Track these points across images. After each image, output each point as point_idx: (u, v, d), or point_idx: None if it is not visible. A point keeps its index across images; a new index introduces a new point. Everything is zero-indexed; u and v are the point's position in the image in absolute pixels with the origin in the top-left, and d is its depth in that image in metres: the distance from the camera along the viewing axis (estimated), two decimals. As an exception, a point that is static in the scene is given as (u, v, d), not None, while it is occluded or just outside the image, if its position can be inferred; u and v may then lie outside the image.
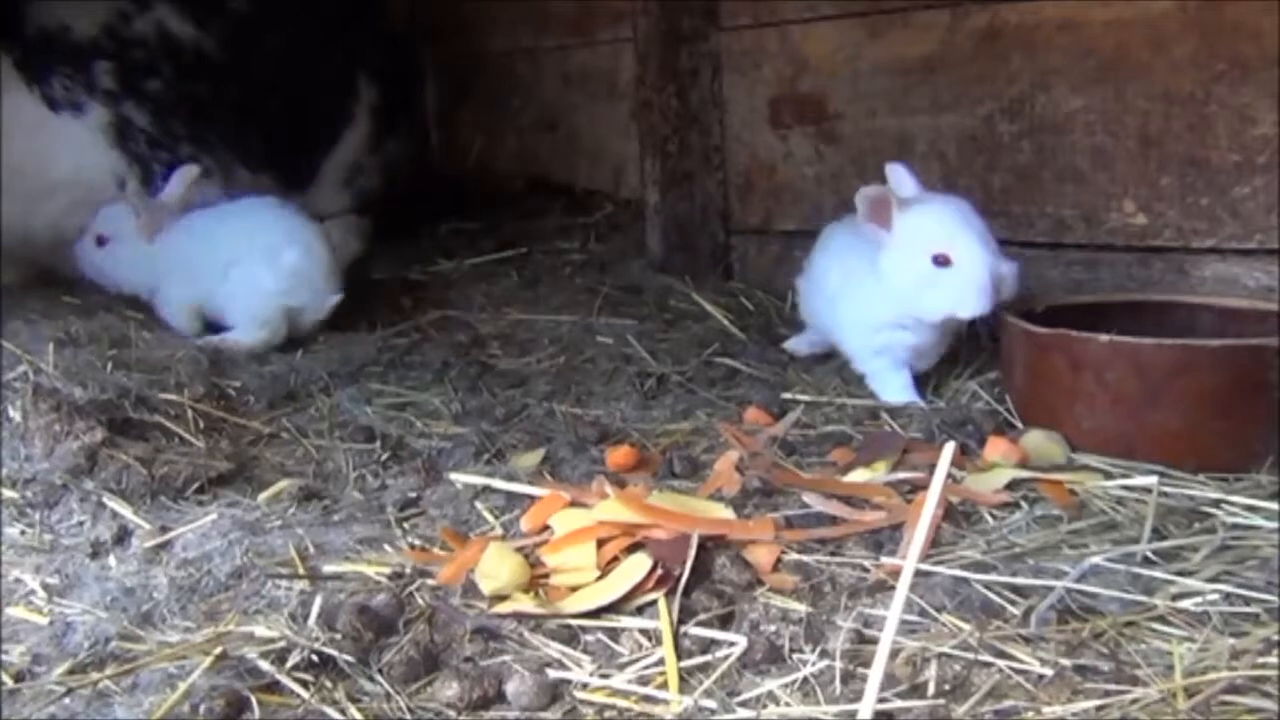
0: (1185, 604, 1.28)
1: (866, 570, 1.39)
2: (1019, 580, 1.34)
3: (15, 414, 1.73)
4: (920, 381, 2.04)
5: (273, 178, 3.05)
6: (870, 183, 1.92)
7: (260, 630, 1.28)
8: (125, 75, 2.79)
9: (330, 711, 1.15)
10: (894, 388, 2.01)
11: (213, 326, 2.47)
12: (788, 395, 2.03)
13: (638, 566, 1.35)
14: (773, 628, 1.26)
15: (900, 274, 1.90)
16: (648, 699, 1.17)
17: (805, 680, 1.18)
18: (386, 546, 1.52)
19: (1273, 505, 1.51)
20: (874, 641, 1.22)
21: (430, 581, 1.40)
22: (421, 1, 3.89)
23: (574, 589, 1.36)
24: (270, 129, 3.01)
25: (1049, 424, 1.75)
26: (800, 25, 2.68)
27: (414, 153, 3.60)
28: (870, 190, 1.89)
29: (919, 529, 1.10)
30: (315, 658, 1.22)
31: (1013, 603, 1.30)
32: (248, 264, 2.40)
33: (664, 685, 1.19)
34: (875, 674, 0.99)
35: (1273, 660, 1.16)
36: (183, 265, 2.47)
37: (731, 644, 1.24)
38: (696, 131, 2.90)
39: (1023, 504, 1.56)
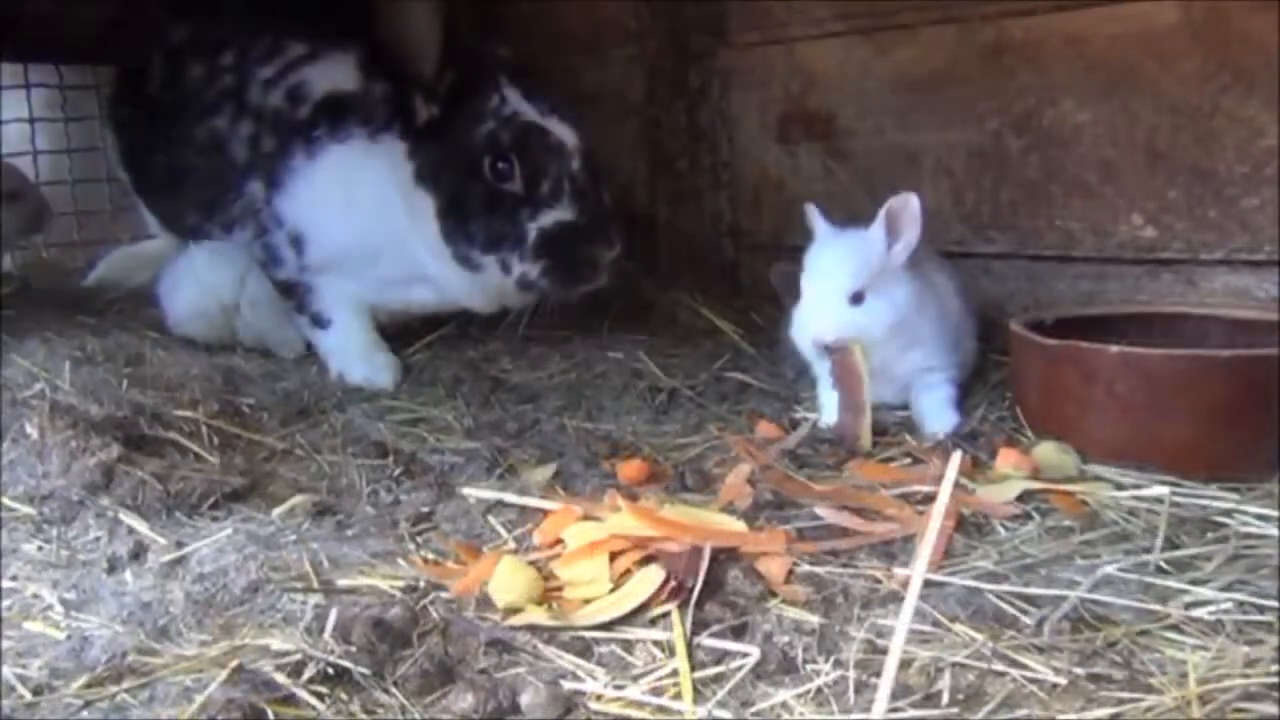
0: (1198, 612, 1.29)
1: (879, 581, 1.40)
2: (1031, 590, 1.34)
3: (32, 431, 1.74)
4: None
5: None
6: (879, 198, 1.93)
7: (275, 643, 1.29)
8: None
9: (346, 723, 1.16)
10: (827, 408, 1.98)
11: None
12: (798, 409, 2.04)
13: (650, 579, 1.36)
14: (786, 638, 1.26)
15: None
16: (662, 710, 1.17)
17: (819, 690, 1.18)
18: (400, 560, 1.52)
19: (1285, 514, 1.51)
20: (886, 651, 1.22)
21: (444, 595, 1.41)
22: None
23: (587, 601, 1.37)
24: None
25: (1060, 435, 1.76)
26: (807, 42, 2.70)
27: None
28: None
29: (927, 539, 1.10)
30: (330, 670, 1.23)
31: (1025, 612, 1.30)
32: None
33: (678, 696, 1.19)
34: (885, 683, 0.99)
35: (1287, 668, 1.16)
36: None
37: (745, 655, 1.25)
38: (705, 148, 2.91)
39: (1034, 515, 1.56)
